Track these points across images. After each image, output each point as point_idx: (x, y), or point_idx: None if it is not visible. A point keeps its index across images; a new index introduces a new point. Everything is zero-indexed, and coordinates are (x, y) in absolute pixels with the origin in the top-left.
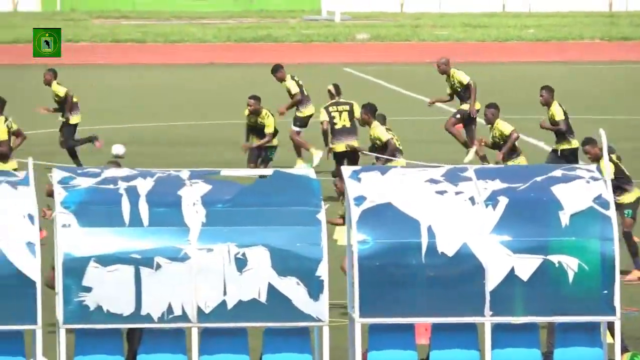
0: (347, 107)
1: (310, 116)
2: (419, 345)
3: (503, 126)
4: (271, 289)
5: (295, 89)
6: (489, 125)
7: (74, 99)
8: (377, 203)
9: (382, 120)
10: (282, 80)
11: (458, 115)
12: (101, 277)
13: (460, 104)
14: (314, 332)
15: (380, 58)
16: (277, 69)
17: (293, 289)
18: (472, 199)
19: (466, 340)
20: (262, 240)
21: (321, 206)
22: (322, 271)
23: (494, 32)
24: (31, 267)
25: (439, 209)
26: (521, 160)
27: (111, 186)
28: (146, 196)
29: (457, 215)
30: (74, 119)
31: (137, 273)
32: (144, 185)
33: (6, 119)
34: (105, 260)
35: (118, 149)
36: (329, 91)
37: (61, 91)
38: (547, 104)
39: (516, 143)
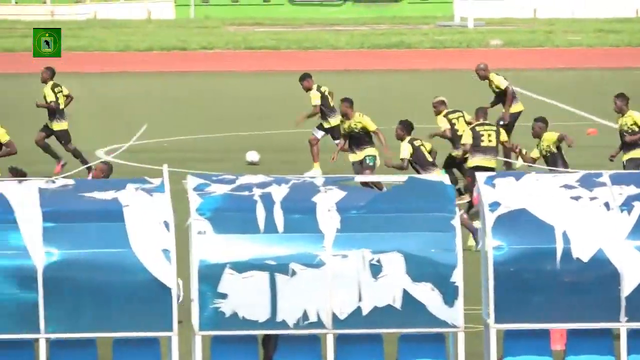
0: (461, 114)
1: (337, 127)
2: (554, 351)
3: (636, 115)
4: (406, 295)
5: (316, 101)
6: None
7: (61, 106)
8: (512, 209)
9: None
10: (308, 89)
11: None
12: (236, 284)
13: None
14: (449, 338)
15: (513, 64)
16: (304, 78)
17: (428, 295)
18: (606, 205)
19: (602, 346)
20: (396, 247)
21: (455, 212)
22: (457, 277)
23: (626, 38)
24: (166, 274)
25: (574, 215)
26: None
27: (246, 193)
28: (281, 203)
29: (592, 220)
30: (56, 125)
31: (272, 279)
32: (278, 192)
33: None
34: (241, 267)
35: (253, 156)
36: (442, 102)
37: (50, 96)
38: (621, 111)
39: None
